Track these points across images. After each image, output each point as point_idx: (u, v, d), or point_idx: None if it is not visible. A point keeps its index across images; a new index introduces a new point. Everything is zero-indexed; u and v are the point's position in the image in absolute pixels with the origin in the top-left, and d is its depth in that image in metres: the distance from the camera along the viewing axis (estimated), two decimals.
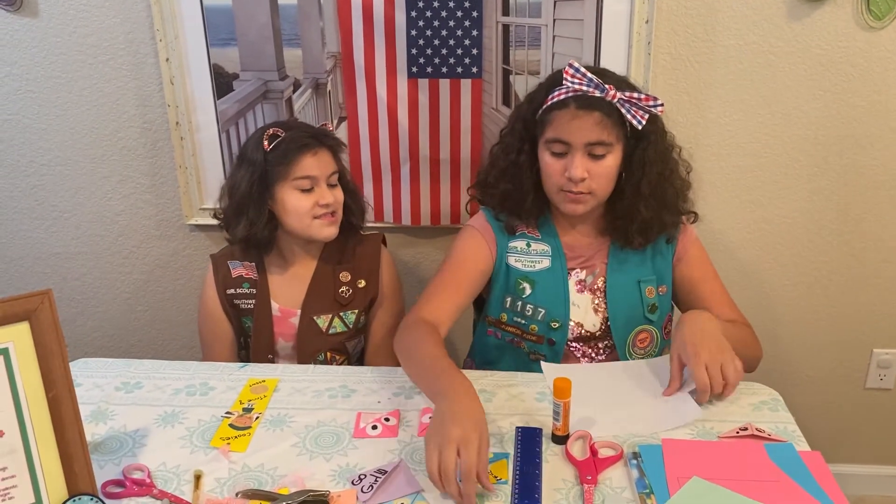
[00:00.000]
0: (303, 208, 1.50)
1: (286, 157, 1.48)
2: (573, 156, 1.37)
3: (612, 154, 1.38)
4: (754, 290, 1.99)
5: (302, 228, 1.52)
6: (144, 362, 1.45)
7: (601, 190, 1.41)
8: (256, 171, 1.50)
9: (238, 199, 1.52)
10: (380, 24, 1.75)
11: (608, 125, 1.35)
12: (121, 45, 1.82)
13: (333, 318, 1.60)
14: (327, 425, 1.25)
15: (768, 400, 1.30)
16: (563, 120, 1.37)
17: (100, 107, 1.89)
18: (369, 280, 1.64)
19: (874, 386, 2.08)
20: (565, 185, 1.39)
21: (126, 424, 1.26)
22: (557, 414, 1.17)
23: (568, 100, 1.36)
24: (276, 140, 1.49)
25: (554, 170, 1.40)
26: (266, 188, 1.51)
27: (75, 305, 2.13)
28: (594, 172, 1.38)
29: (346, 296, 1.61)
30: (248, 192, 1.50)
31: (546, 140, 1.40)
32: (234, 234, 1.55)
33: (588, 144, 1.36)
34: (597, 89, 1.35)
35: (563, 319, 1.49)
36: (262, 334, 1.60)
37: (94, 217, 2.02)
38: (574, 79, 1.36)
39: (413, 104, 1.82)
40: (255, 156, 1.51)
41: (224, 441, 1.21)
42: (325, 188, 1.52)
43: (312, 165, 1.50)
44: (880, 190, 1.86)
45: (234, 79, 1.84)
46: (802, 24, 1.72)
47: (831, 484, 1.08)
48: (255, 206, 1.51)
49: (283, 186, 1.50)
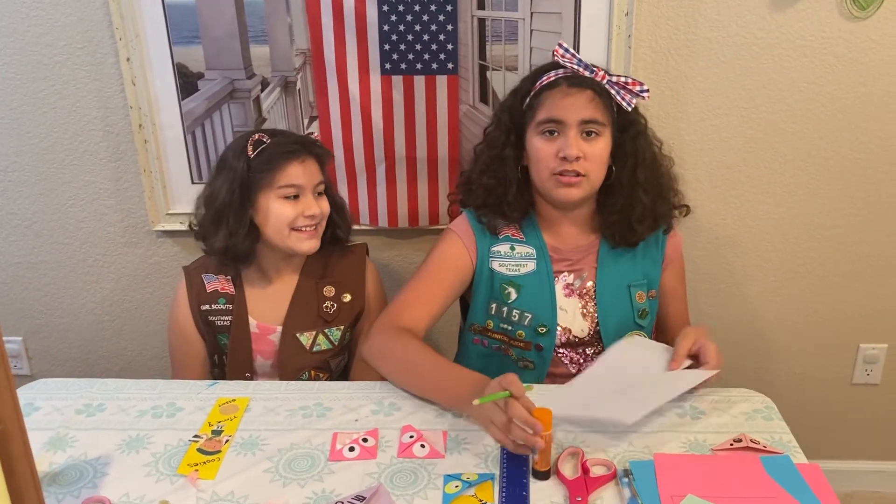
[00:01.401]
0: (285, 217, 1.42)
1: (271, 163, 1.41)
2: (566, 135, 1.35)
3: (603, 137, 1.38)
4: (739, 287, 1.95)
5: (280, 239, 1.45)
6: (108, 382, 1.38)
7: (594, 173, 1.38)
8: (238, 178, 1.42)
9: (217, 208, 1.44)
10: (350, 20, 1.68)
11: (600, 105, 1.36)
12: (78, 44, 1.74)
13: (317, 335, 1.53)
14: (301, 447, 1.18)
15: (762, 408, 1.25)
16: (555, 98, 1.36)
17: (58, 109, 1.80)
18: (355, 294, 1.56)
19: (861, 381, 2.05)
20: (558, 167, 1.36)
21: (87, 452, 1.18)
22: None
23: (559, 80, 1.37)
24: (260, 146, 1.42)
25: (546, 153, 1.37)
26: (248, 196, 1.43)
27: (38, 317, 2.04)
28: (588, 153, 1.36)
29: (330, 311, 1.53)
30: (228, 199, 1.42)
31: (538, 122, 1.38)
32: (212, 245, 1.46)
33: (582, 122, 1.35)
34: (586, 69, 1.36)
35: (551, 324, 1.44)
36: (239, 352, 1.52)
37: (56, 225, 1.93)
38: (564, 58, 1.37)
39: (387, 102, 1.75)
40: (236, 163, 1.42)
41: (192, 467, 1.14)
42: (311, 198, 1.45)
43: (299, 174, 1.42)
44: (866, 183, 1.83)
45: (199, 78, 1.76)
46: (786, 15, 1.68)
47: (830, 498, 1.03)
48: (236, 214, 1.42)
49: (267, 195, 1.42)
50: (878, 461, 2.16)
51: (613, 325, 1.45)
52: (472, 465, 1.13)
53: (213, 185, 1.46)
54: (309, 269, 1.54)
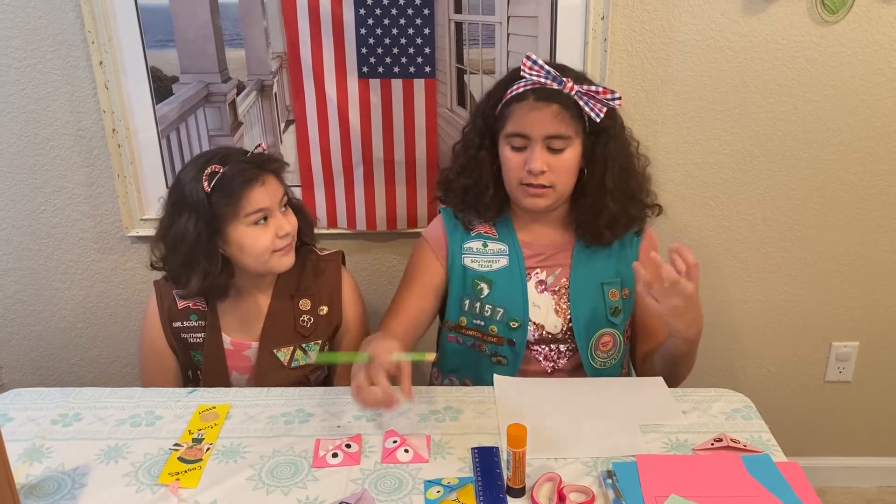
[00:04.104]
0: (262, 245, 1.36)
1: (232, 194, 1.33)
2: (532, 149, 1.37)
3: (571, 148, 1.38)
4: (714, 287, 1.97)
5: (261, 265, 1.39)
6: (84, 391, 1.35)
7: (561, 184, 1.40)
8: (201, 216, 1.34)
9: (186, 252, 1.35)
10: (327, 23, 1.67)
11: (566, 118, 1.36)
12: (49, 47, 1.70)
13: (295, 350, 1.49)
14: (284, 454, 1.17)
15: (741, 408, 1.27)
16: (521, 112, 1.37)
17: (28, 113, 1.77)
18: (331, 306, 1.52)
19: (833, 379, 2.09)
20: (525, 178, 1.39)
21: (64, 462, 1.16)
22: (509, 463, 1.07)
23: (527, 92, 1.37)
24: (216, 177, 1.33)
25: (514, 164, 1.40)
26: (215, 232, 1.35)
27: (9, 325, 2.00)
28: (553, 166, 1.37)
29: (307, 325, 1.49)
30: (195, 240, 1.34)
31: (506, 134, 1.40)
32: (189, 289, 1.39)
33: (547, 137, 1.36)
34: (554, 81, 1.36)
35: (523, 318, 1.46)
36: (213, 369, 1.48)
37: (27, 231, 1.89)
38: (532, 71, 1.37)
39: (364, 105, 1.74)
40: (194, 198, 1.34)
41: (173, 476, 1.12)
42: (280, 217, 1.39)
43: (263, 197, 1.35)
44: (837, 184, 1.86)
45: (173, 82, 1.73)
46: (758, 19, 1.70)
47: (810, 495, 1.05)
48: (206, 254, 1.36)
49: (236, 226, 1.35)
50: (851, 457, 2.19)
51: (585, 322, 1.47)
52: (456, 469, 1.13)
53: (176, 225, 1.36)
54: (283, 283, 1.49)
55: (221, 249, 1.38)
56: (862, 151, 1.83)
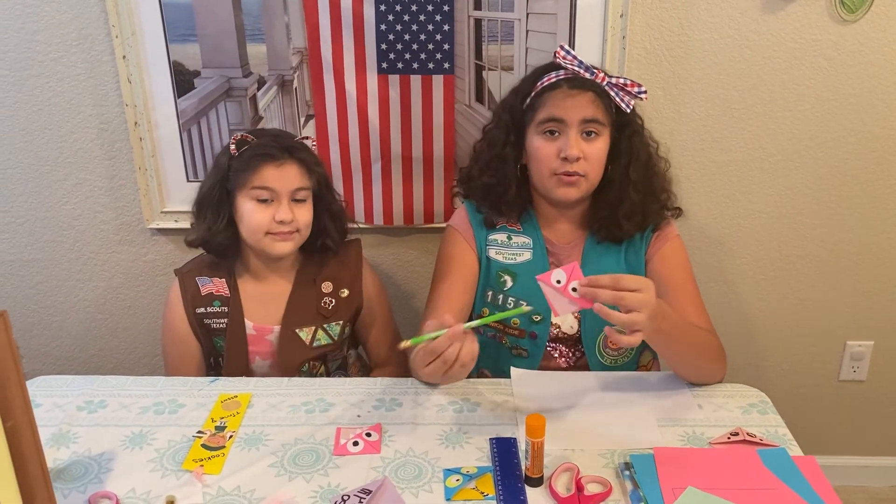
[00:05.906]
0: (256, 222, 1.42)
1: (248, 164, 1.41)
2: (567, 135, 1.38)
3: (603, 137, 1.41)
4: (729, 285, 1.98)
5: (255, 241, 1.45)
6: (108, 378, 1.38)
7: (593, 174, 1.41)
8: (219, 175, 1.45)
9: (198, 202, 1.48)
10: (348, 19, 1.68)
11: (600, 106, 1.39)
12: (73, 41, 1.73)
13: (317, 330, 1.53)
14: (305, 442, 1.19)
15: (756, 403, 1.28)
16: (556, 99, 1.38)
17: (53, 107, 1.79)
18: (352, 289, 1.57)
19: (847, 378, 2.09)
20: (559, 167, 1.39)
21: (90, 448, 1.18)
22: (527, 452, 1.08)
23: (560, 82, 1.39)
24: (244, 146, 1.43)
25: (547, 153, 1.40)
26: (227, 193, 1.45)
27: (30, 316, 2.03)
28: (588, 153, 1.39)
29: (329, 307, 1.53)
30: (208, 194, 1.46)
31: (539, 122, 1.40)
32: (195, 238, 1.48)
33: (583, 121, 1.38)
34: (587, 71, 1.39)
35: (546, 312, 1.46)
36: (235, 354, 1.51)
37: (49, 222, 1.92)
38: (566, 60, 1.40)
39: (384, 101, 1.76)
40: (221, 160, 1.46)
41: (197, 463, 1.14)
42: (286, 204, 1.42)
43: (273, 177, 1.41)
44: (854, 183, 1.86)
45: (195, 76, 1.76)
46: (777, 18, 1.70)
47: (827, 489, 1.06)
48: (214, 210, 1.45)
49: (242, 195, 1.43)
50: (865, 456, 2.19)
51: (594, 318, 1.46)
52: (475, 458, 1.15)
53: (205, 178, 1.50)
54: (304, 267, 1.55)
55: (229, 211, 1.46)
56: (879, 151, 1.83)
